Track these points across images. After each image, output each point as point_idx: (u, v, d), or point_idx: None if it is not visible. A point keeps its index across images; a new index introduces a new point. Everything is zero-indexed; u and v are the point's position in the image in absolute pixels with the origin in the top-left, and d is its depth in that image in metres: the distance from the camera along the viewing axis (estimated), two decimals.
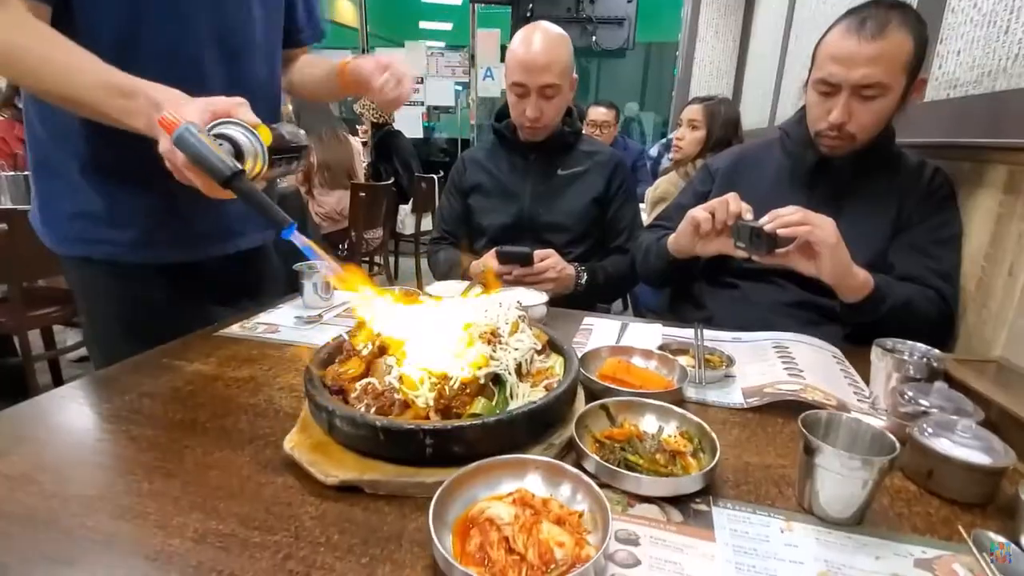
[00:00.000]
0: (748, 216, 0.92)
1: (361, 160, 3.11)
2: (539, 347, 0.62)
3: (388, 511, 0.48)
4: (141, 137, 0.75)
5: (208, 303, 0.95)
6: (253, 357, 0.80)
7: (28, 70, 0.67)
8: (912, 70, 0.93)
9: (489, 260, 1.19)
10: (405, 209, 3.58)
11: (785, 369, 0.74)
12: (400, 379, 0.53)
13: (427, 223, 3.57)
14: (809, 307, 1.03)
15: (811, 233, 0.84)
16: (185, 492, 0.50)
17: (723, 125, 1.87)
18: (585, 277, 1.26)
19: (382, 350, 0.58)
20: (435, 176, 3.63)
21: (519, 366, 0.57)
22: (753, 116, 3.69)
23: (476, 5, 4.76)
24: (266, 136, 0.62)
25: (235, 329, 0.89)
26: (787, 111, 2.81)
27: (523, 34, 1.23)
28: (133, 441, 0.58)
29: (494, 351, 0.56)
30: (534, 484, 0.47)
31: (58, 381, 2.27)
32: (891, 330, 0.93)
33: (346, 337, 0.65)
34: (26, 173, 1.95)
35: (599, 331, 0.94)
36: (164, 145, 0.58)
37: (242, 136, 0.59)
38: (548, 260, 1.17)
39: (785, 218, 0.86)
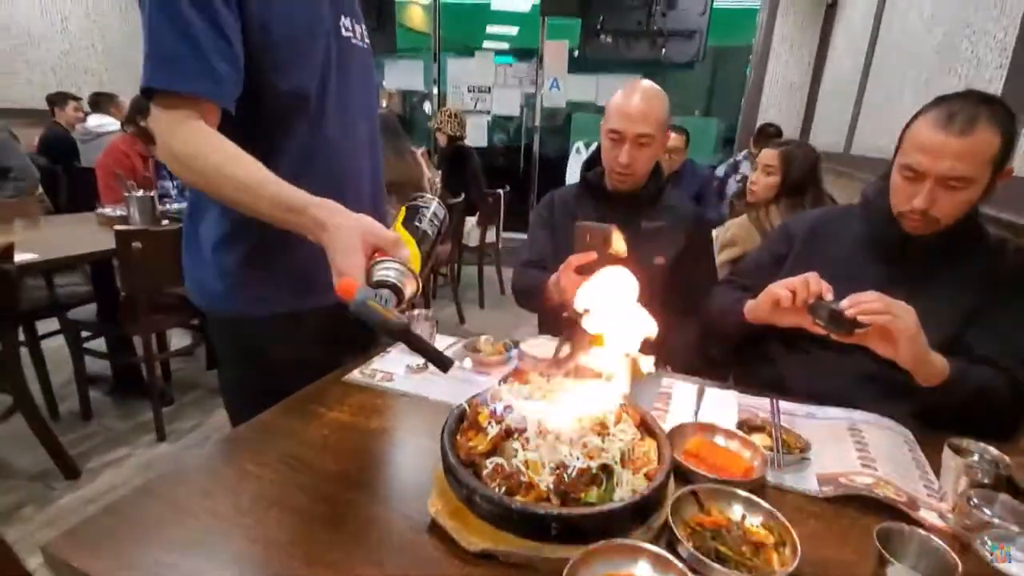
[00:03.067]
0: (828, 296, 0.98)
1: (428, 178, 3.22)
2: (640, 437, 0.71)
3: None
4: None
5: (326, 352, 1.06)
6: (378, 407, 0.93)
7: (209, 183, 0.77)
8: (999, 163, 0.96)
9: (564, 275, 1.25)
10: (471, 221, 3.73)
11: (859, 458, 0.80)
12: (525, 463, 0.64)
13: (491, 236, 3.73)
14: (883, 381, 1.07)
15: (892, 323, 0.89)
16: (357, 545, 0.63)
17: (799, 169, 1.88)
18: None
19: (508, 432, 0.69)
20: (500, 191, 3.77)
21: (623, 455, 0.67)
22: (827, 138, 3.60)
23: (546, 17, 4.83)
24: (416, 261, 0.71)
25: (357, 375, 1.03)
26: (865, 142, 2.76)
27: (625, 88, 1.34)
28: (303, 491, 0.71)
29: (603, 442, 0.66)
30: (643, 570, 0.57)
31: (167, 376, 2.56)
32: (964, 412, 0.97)
33: (466, 407, 0.77)
34: (152, 194, 2.20)
35: (677, 395, 1.02)
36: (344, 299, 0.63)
37: (401, 278, 0.67)
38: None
39: (866, 305, 0.91)
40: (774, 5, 4.42)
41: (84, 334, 2.26)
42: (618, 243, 1.18)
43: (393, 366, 1.08)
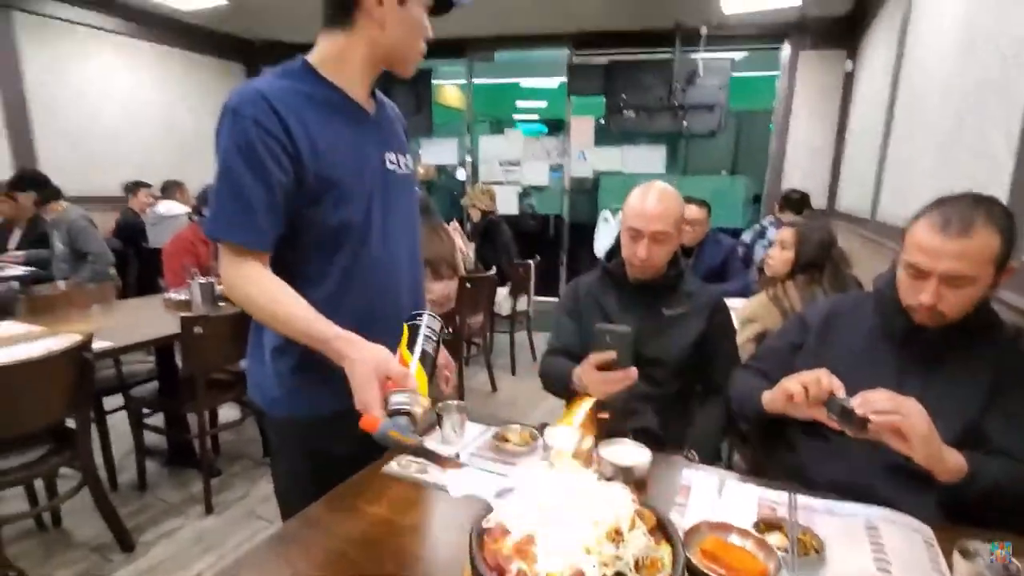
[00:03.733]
0: (840, 393, 1.01)
1: (460, 253, 3.38)
2: (652, 542, 0.76)
3: None
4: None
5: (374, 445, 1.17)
6: (414, 501, 1.01)
7: (254, 313, 0.97)
8: (1000, 262, 1.00)
9: (585, 372, 1.31)
10: (503, 292, 3.87)
11: (875, 560, 0.82)
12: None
13: (522, 304, 3.86)
14: (903, 472, 1.08)
15: (901, 422, 0.92)
16: None
17: (813, 249, 1.92)
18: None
19: (529, 539, 0.75)
20: (531, 262, 3.94)
21: (637, 562, 0.72)
22: (852, 202, 3.64)
23: (571, 95, 5.15)
24: (423, 385, 0.85)
25: (394, 467, 1.11)
26: (887, 210, 2.78)
27: (641, 190, 1.45)
28: None
29: (617, 548, 0.72)
30: None
31: (216, 448, 2.70)
32: (984, 507, 0.97)
33: (492, 504, 0.84)
34: (213, 280, 2.42)
35: (697, 489, 1.06)
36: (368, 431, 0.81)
37: (413, 406, 0.83)
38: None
39: (876, 405, 0.94)
40: (792, 73, 4.59)
41: (144, 410, 2.44)
42: None
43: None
